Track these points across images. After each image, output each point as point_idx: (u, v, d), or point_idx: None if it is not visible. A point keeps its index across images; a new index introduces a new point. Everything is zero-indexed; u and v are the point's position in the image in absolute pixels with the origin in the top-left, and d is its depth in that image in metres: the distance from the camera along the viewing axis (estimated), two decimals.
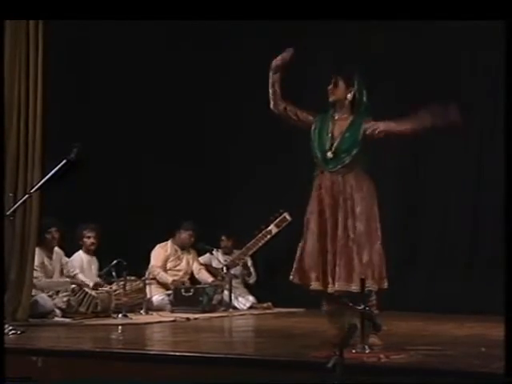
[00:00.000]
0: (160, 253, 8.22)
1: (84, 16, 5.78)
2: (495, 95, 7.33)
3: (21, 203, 5.85)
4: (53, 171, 5.71)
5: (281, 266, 8.55)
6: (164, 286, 8.09)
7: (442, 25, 7.16)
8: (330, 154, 4.96)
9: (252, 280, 8.53)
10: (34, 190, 5.88)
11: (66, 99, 7.61)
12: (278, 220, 7.93)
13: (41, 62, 6.31)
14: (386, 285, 4.91)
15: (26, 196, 5.88)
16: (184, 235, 8.31)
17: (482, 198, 8.01)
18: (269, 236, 7.93)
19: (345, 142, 4.96)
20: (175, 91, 8.62)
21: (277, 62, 5.06)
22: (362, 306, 4.46)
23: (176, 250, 8.32)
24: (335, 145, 4.96)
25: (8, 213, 5.68)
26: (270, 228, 7.93)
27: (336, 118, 5.04)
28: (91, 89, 8.30)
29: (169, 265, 8.23)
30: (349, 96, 4.98)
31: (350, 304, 4.74)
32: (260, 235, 7.92)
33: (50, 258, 7.16)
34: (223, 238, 8.51)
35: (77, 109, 7.97)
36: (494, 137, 7.72)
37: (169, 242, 8.32)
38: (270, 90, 5.12)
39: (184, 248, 8.35)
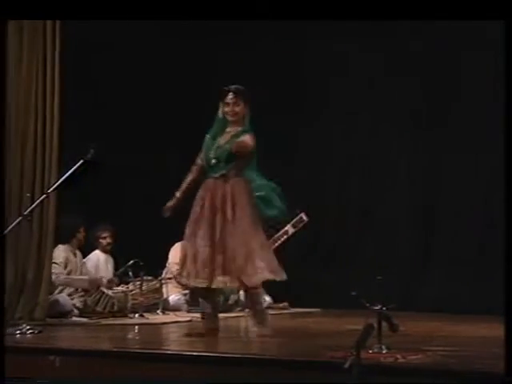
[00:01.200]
0: (178, 254, 8.17)
1: (87, 16, 5.92)
2: (496, 95, 7.26)
3: (38, 203, 5.87)
4: (70, 171, 5.74)
5: (297, 266, 8.62)
6: (181, 285, 8.06)
7: (442, 25, 7.21)
8: (213, 161, 5.44)
9: None
10: (50, 190, 5.89)
11: (83, 100, 7.62)
12: (294, 220, 7.83)
13: (58, 63, 6.32)
14: (254, 283, 5.43)
15: (43, 196, 5.90)
16: None
17: (496, 197, 7.98)
18: (285, 236, 7.82)
19: (224, 151, 5.44)
20: (191, 91, 8.63)
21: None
22: (379, 306, 4.43)
23: None
24: (218, 153, 5.44)
25: (25, 213, 5.74)
26: (286, 228, 7.82)
27: (228, 130, 5.53)
28: (108, 89, 8.31)
29: None
30: (246, 111, 5.49)
31: (367, 304, 4.69)
32: (276, 236, 7.78)
33: (75, 255, 7.24)
34: None
35: (94, 109, 7.98)
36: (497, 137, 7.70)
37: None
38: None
39: None
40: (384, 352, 4.26)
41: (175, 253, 8.15)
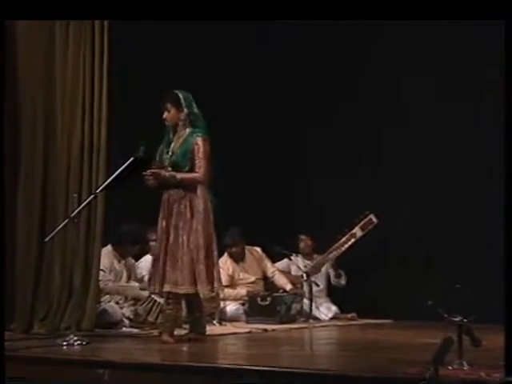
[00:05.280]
0: (223, 276, 7.54)
1: (90, 15, 6.03)
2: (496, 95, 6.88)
3: (86, 204, 5.80)
4: (119, 170, 5.65)
5: (367, 274, 8.27)
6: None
7: (443, 24, 7.01)
8: (169, 170, 5.62)
9: (344, 281, 8.15)
10: (99, 190, 5.83)
11: (132, 97, 7.45)
12: (363, 222, 7.57)
13: (106, 61, 6.31)
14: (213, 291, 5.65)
15: (91, 197, 5.84)
16: (233, 250, 7.83)
17: None
18: (353, 239, 7.56)
19: (179, 156, 5.63)
20: (250, 89, 8.54)
21: None
22: (459, 318, 4.24)
23: (237, 263, 7.88)
24: (173, 159, 5.63)
25: (72, 215, 5.68)
26: (354, 231, 7.56)
27: (177, 137, 5.72)
28: (157, 87, 8.18)
29: (238, 281, 7.83)
30: (182, 116, 5.66)
31: (445, 315, 4.50)
32: (344, 239, 7.56)
33: (120, 260, 7.14)
34: (302, 237, 8.18)
35: (143, 107, 7.85)
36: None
37: (228, 259, 7.85)
38: None
39: (243, 257, 7.91)
40: (465, 368, 4.12)
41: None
